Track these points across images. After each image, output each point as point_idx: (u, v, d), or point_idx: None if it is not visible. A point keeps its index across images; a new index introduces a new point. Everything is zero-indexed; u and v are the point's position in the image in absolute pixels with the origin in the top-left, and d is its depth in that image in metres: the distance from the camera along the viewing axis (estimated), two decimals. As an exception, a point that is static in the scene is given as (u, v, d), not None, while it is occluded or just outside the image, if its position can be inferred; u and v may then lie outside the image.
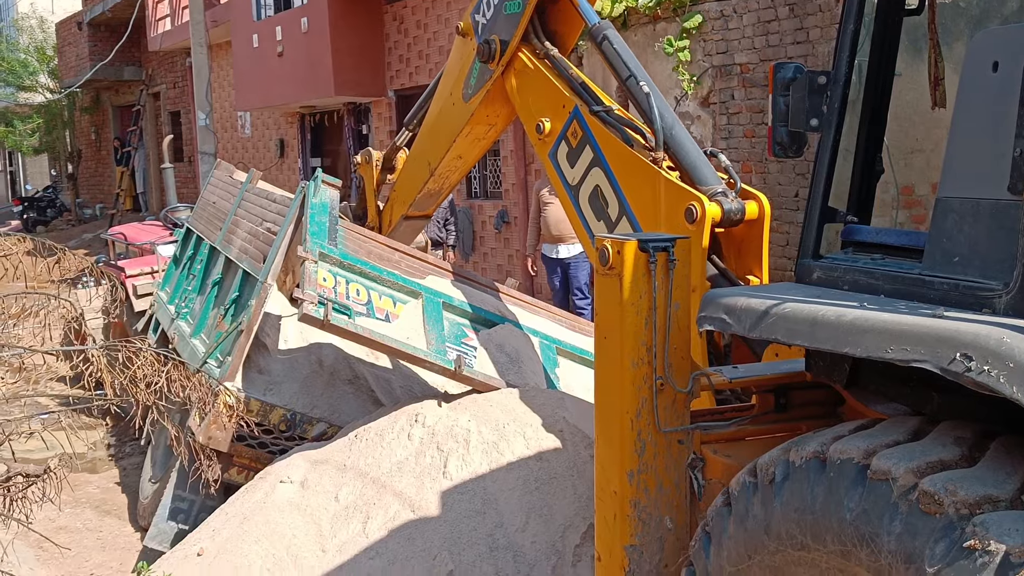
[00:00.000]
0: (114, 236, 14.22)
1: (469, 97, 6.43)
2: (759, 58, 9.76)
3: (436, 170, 6.90)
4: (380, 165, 7.66)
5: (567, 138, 5.64)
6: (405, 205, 7.35)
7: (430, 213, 7.61)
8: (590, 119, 5.48)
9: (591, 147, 5.48)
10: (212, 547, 5.62)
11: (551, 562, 5.17)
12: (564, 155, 5.67)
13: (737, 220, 4.87)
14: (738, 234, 4.98)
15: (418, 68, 15.91)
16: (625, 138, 5.33)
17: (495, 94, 6.27)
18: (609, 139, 5.39)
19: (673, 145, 5.14)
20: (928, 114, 3.76)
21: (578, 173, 5.59)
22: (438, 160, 6.83)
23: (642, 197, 5.18)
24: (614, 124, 5.42)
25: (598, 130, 5.44)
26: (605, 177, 5.41)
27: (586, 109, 5.52)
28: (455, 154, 6.80)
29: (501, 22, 6.08)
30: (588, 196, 5.54)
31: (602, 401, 3.80)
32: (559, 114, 5.68)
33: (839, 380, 3.35)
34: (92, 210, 30.79)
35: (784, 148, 3.68)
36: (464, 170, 7.25)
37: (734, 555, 3.09)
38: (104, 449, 9.68)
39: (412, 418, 5.98)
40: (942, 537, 2.39)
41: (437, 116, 6.87)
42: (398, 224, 7.48)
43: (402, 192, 7.40)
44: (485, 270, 14.11)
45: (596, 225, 5.50)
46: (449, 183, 7.20)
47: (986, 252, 2.75)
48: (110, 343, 6.16)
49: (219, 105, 22.65)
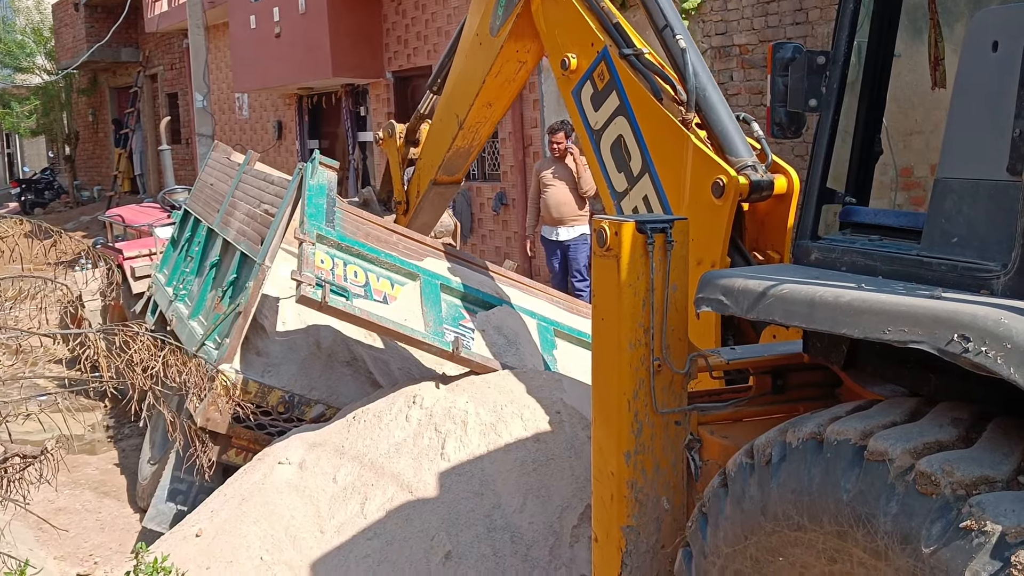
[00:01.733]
0: (112, 218, 14.20)
1: (497, 30, 6.11)
2: (758, 39, 9.73)
3: (465, 122, 6.59)
4: (404, 138, 7.39)
5: (593, 79, 5.35)
6: (433, 169, 7.05)
7: (459, 179, 7.26)
8: (619, 63, 5.20)
9: (618, 94, 5.21)
10: (211, 528, 5.63)
11: (548, 543, 5.18)
12: (588, 96, 5.40)
13: (765, 195, 4.70)
14: (763, 208, 4.81)
15: (416, 50, 15.86)
16: (654, 88, 5.07)
17: (523, 26, 5.94)
18: (638, 89, 5.13)
19: (705, 107, 4.93)
20: (927, 95, 3.76)
21: (602, 118, 5.33)
22: (466, 110, 6.52)
23: (668, 159, 4.97)
24: (643, 71, 5.14)
25: (626, 77, 5.16)
26: (630, 128, 5.16)
27: (616, 51, 5.23)
28: (484, 100, 6.48)
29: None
30: (610, 144, 5.29)
31: (600, 382, 3.79)
32: (587, 52, 5.39)
33: (836, 361, 3.35)
34: (90, 192, 30.76)
35: (783, 129, 3.67)
36: (494, 120, 6.86)
37: (731, 536, 3.10)
38: (103, 431, 9.69)
39: (410, 400, 5.98)
40: (938, 518, 2.39)
41: (464, 60, 6.54)
42: (427, 192, 7.19)
43: (430, 156, 7.10)
44: (483, 252, 14.10)
45: (616, 177, 5.27)
46: (479, 138, 6.86)
47: (985, 233, 2.75)
48: (107, 327, 6.16)
49: (216, 87, 22.61)
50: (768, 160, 4.80)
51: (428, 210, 7.40)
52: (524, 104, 13.61)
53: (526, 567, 5.11)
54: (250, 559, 5.33)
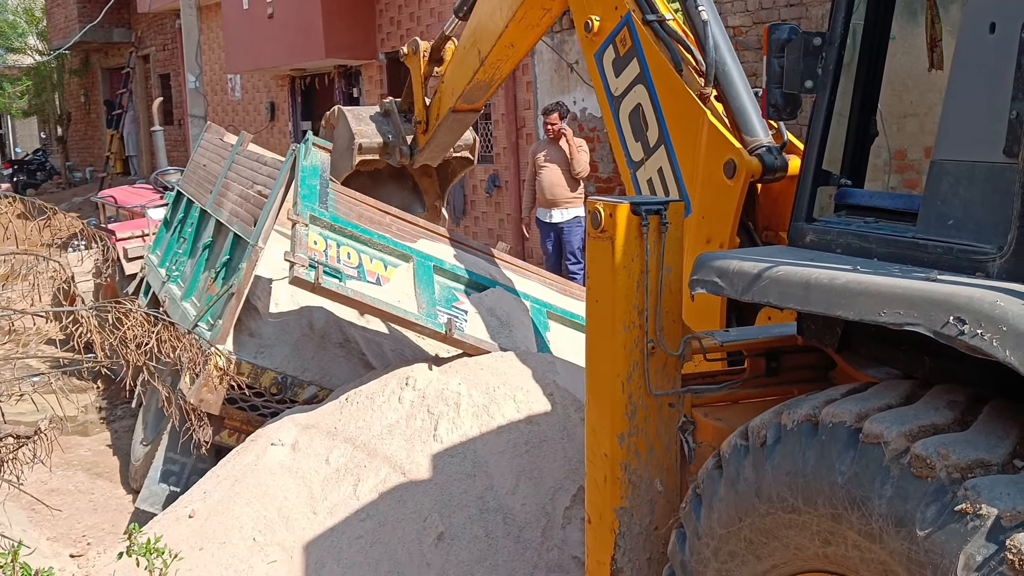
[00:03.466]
0: (104, 199, 14.15)
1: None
2: (752, 20, 9.71)
3: (487, 59, 6.52)
4: (428, 56, 7.28)
5: (615, 43, 5.25)
6: (454, 97, 6.98)
7: (479, 107, 7.21)
8: (641, 29, 5.08)
9: (639, 61, 5.11)
10: (203, 509, 5.63)
11: (541, 524, 5.19)
12: (610, 61, 5.30)
13: (779, 177, 4.63)
14: (776, 188, 4.73)
15: (409, 31, 15.80)
16: (675, 58, 4.97)
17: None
18: (658, 59, 5.03)
19: (724, 81, 4.85)
20: (922, 78, 3.74)
21: (622, 84, 5.24)
22: (489, 48, 6.43)
23: (684, 133, 4.90)
24: (665, 39, 5.03)
25: (648, 45, 5.07)
26: (649, 98, 5.08)
27: (639, 17, 5.12)
28: (507, 41, 6.37)
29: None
30: (629, 112, 5.21)
31: (593, 364, 3.79)
32: (610, 15, 5.28)
33: (831, 344, 3.34)
34: (82, 173, 30.65)
35: (778, 110, 3.66)
36: (516, 59, 6.76)
37: (725, 517, 3.10)
38: (95, 412, 9.68)
39: (403, 381, 5.98)
40: (933, 501, 2.39)
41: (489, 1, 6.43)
42: (446, 117, 7.14)
43: (451, 83, 7.03)
44: (476, 234, 14.08)
45: (634, 146, 5.19)
46: (500, 73, 6.78)
47: (981, 215, 2.74)
48: (100, 304, 6.14)
49: (209, 68, 22.52)
50: (784, 140, 4.75)
51: (447, 132, 7.34)
52: (518, 86, 13.59)
53: (518, 548, 5.12)
54: (243, 540, 5.34)
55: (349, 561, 5.18)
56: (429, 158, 7.59)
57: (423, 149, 7.43)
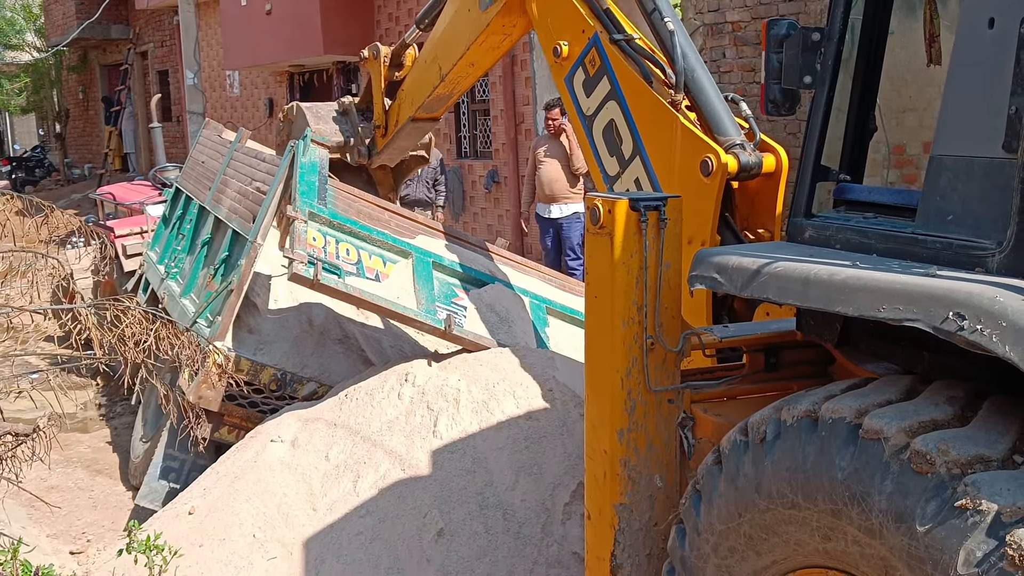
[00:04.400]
0: (103, 196, 14.16)
1: (486, 7, 6.11)
2: (751, 16, 9.70)
3: (447, 76, 6.63)
4: (388, 61, 7.33)
5: (585, 65, 5.39)
6: (413, 107, 7.06)
7: (438, 116, 7.33)
8: (609, 48, 5.23)
9: (608, 78, 5.24)
10: (203, 506, 5.63)
11: (541, 520, 5.19)
12: (580, 82, 5.43)
13: (754, 174, 4.71)
14: (753, 187, 4.82)
15: (407, 27, 15.64)
16: (644, 73, 5.10)
17: (513, 5, 5.97)
18: (628, 73, 5.16)
19: (694, 88, 4.94)
20: (920, 73, 3.74)
21: (593, 103, 5.36)
22: (450, 66, 6.56)
23: (658, 141, 4.99)
24: (634, 56, 5.17)
25: (617, 61, 5.20)
26: (621, 112, 5.19)
27: (606, 37, 5.26)
28: (468, 61, 6.51)
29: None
30: (602, 129, 5.31)
31: (592, 360, 3.79)
32: (578, 38, 5.42)
33: (830, 339, 3.35)
34: (81, 170, 30.61)
35: (777, 106, 3.67)
36: (476, 76, 6.94)
37: (724, 513, 3.10)
38: (95, 409, 9.67)
39: (402, 377, 5.98)
40: (933, 496, 2.40)
41: (451, 21, 6.54)
42: (404, 125, 7.21)
43: (411, 94, 7.10)
44: (475, 230, 14.07)
45: (608, 161, 5.28)
46: (460, 88, 6.92)
47: (980, 210, 2.74)
48: (98, 301, 6.14)
49: (207, 64, 22.50)
50: (756, 139, 4.82)
51: (406, 138, 7.41)
52: (516, 82, 13.57)
53: (518, 544, 5.12)
54: (243, 536, 5.34)
55: (349, 557, 5.18)
56: (387, 159, 7.65)
57: (381, 152, 7.48)
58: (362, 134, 7.46)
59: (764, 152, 4.77)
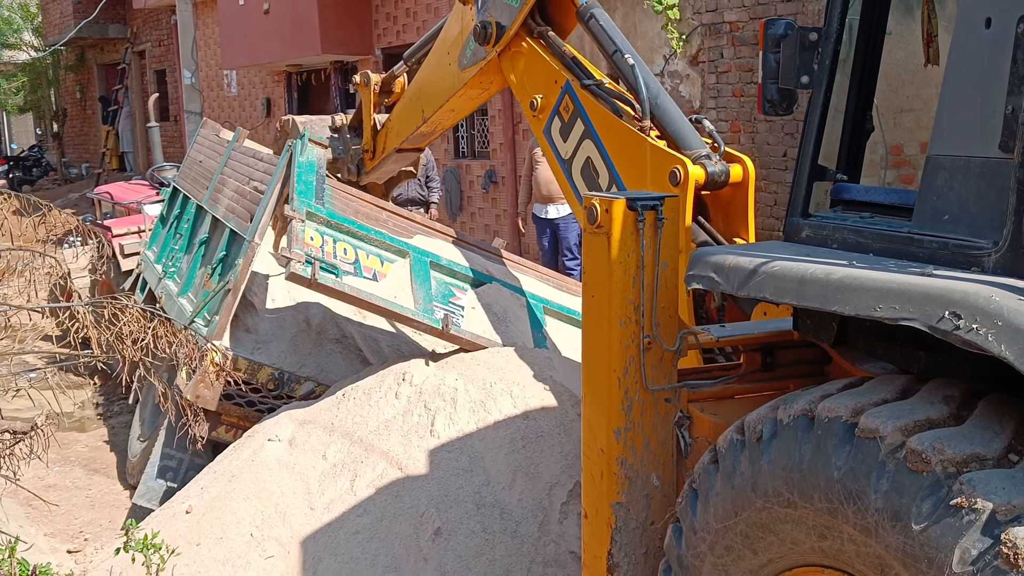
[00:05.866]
0: (100, 195, 14.13)
1: (464, 67, 6.44)
2: (748, 16, 9.70)
3: (429, 118, 6.94)
4: (378, 89, 7.64)
5: (560, 113, 5.68)
6: (399, 140, 7.35)
7: (423, 147, 7.66)
8: (581, 92, 5.52)
9: (582, 120, 5.53)
10: (200, 505, 5.63)
11: (538, 519, 5.19)
12: (557, 130, 5.71)
13: (722, 182, 4.90)
14: (724, 197, 5.00)
15: (405, 26, 15.79)
16: (614, 109, 5.37)
17: (490, 68, 6.29)
18: (599, 111, 5.43)
19: (659, 113, 5.19)
20: (917, 73, 3.75)
21: (571, 147, 5.62)
22: (432, 111, 6.86)
23: (631, 165, 5.20)
24: (604, 97, 5.46)
25: (588, 103, 5.49)
26: (596, 148, 5.45)
27: (577, 83, 5.56)
28: (448, 108, 6.82)
29: (500, 6, 6.09)
30: (580, 168, 5.57)
31: (589, 359, 3.80)
32: (552, 89, 5.73)
33: (827, 339, 3.35)
34: (78, 169, 30.59)
35: (774, 106, 3.67)
36: (457, 119, 7.39)
37: (721, 512, 3.10)
38: (92, 408, 9.67)
39: (399, 377, 5.98)
40: (929, 495, 2.40)
41: (434, 70, 6.86)
42: (390, 153, 7.49)
43: (396, 127, 7.40)
44: (472, 230, 14.07)
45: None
46: (442, 127, 7.27)
47: (976, 210, 2.75)
48: (96, 300, 6.14)
49: (205, 63, 22.48)
50: (721, 150, 5.01)
51: (393, 163, 7.69)
52: (514, 82, 13.55)
53: (515, 543, 5.12)
54: (240, 535, 5.34)
55: (346, 556, 5.19)
56: (375, 179, 7.88)
57: (369, 172, 7.73)
58: (353, 153, 7.70)
59: (731, 162, 4.97)
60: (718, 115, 10.04)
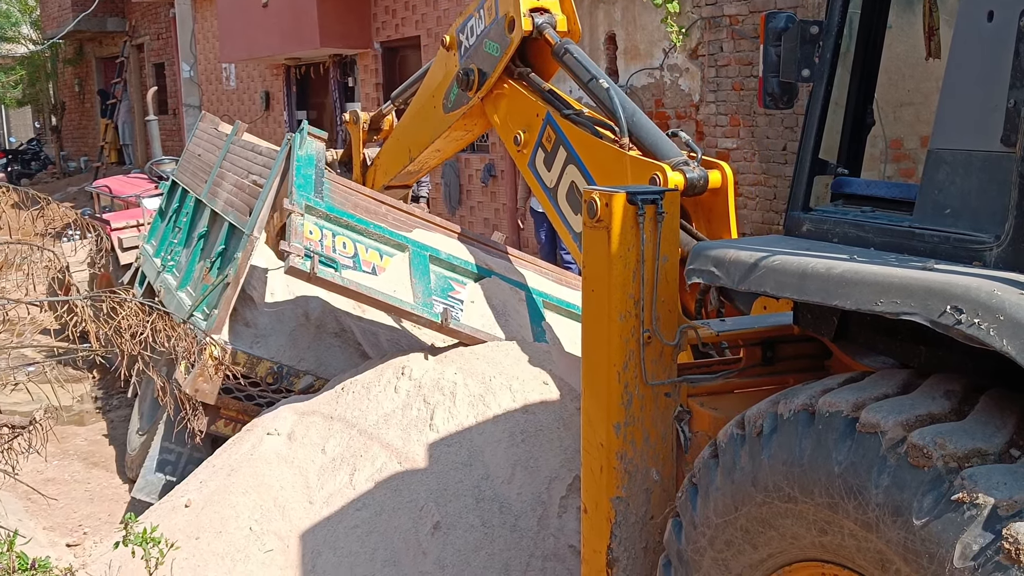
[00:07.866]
0: (99, 189, 14.12)
1: (448, 111, 6.68)
2: (748, 9, 9.69)
3: (415, 158, 7.24)
4: (367, 126, 7.85)
5: (542, 144, 5.86)
6: (387, 178, 7.63)
7: (410, 184, 7.91)
8: (561, 121, 5.71)
9: (564, 147, 5.69)
10: (200, 499, 5.63)
11: (537, 513, 5.19)
12: (541, 161, 5.88)
13: (701, 187, 5.01)
14: (706, 202, 5.13)
15: (404, 20, 15.76)
16: (594, 133, 5.54)
17: (473, 112, 6.53)
18: (579, 135, 5.59)
19: (636, 130, 5.33)
20: (918, 67, 3.75)
21: (555, 175, 5.78)
22: (418, 151, 7.15)
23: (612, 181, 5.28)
24: (584, 123, 5.63)
25: (569, 129, 5.65)
26: (579, 172, 5.60)
27: (557, 113, 5.75)
28: (434, 148, 7.12)
29: (481, 55, 6.27)
30: (565, 194, 5.72)
31: (589, 354, 3.79)
32: (533, 123, 5.92)
33: (827, 333, 3.34)
34: (77, 163, 30.57)
35: (775, 99, 3.66)
36: (443, 159, 7.78)
37: (721, 507, 3.10)
38: (91, 402, 9.67)
39: (399, 371, 5.97)
40: (930, 490, 2.40)
41: (419, 112, 7.12)
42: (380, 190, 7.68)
43: (384, 165, 7.67)
44: (471, 224, 14.05)
45: (574, 219, 5.66)
46: (428, 167, 7.59)
47: (977, 204, 2.74)
48: (94, 293, 6.13)
49: (203, 57, 22.46)
50: (699, 157, 5.12)
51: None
52: (513, 75, 13.53)
53: (514, 537, 5.12)
54: (239, 529, 5.33)
55: (345, 550, 5.18)
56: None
57: None
58: None
59: (709, 169, 5.10)
60: (718, 109, 10.03)
